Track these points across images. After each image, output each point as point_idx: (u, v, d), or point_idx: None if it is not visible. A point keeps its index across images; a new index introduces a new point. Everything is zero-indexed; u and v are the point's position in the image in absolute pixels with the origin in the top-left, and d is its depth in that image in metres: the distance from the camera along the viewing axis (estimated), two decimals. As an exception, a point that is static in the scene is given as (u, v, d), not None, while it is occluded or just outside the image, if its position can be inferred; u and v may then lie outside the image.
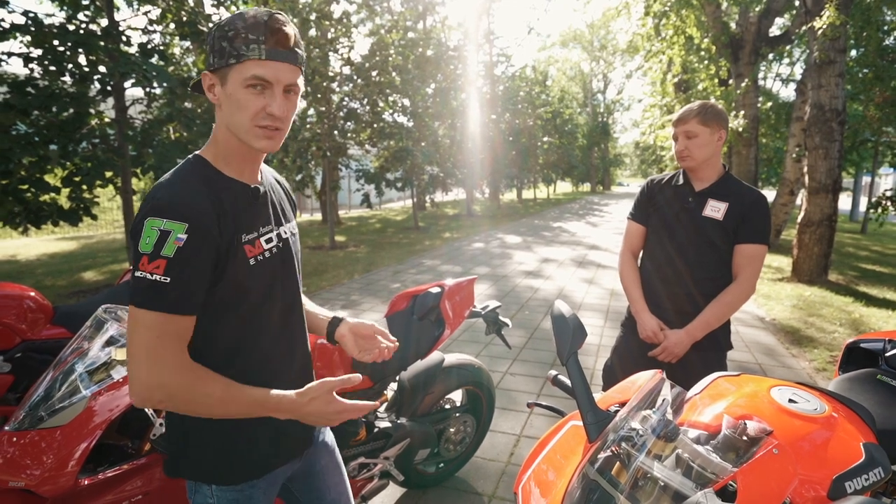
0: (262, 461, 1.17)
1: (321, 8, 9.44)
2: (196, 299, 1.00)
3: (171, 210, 0.96)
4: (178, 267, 0.96)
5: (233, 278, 1.05)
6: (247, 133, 1.04)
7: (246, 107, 1.01)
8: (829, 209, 7.57)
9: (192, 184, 1.03)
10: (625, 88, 61.81)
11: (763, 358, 4.72)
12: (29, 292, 2.83)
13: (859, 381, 1.85)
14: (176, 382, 0.97)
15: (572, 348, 1.25)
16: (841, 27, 6.93)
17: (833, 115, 7.39)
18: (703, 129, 2.01)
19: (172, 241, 0.95)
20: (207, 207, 1.00)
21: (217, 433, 1.12)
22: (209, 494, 1.14)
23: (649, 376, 1.31)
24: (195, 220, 0.97)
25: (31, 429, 1.49)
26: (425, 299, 2.40)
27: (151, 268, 0.95)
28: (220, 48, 1.00)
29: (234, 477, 1.14)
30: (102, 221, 13.83)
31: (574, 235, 14.04)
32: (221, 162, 1.09)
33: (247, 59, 0.98)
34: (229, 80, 1.01)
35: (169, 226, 0.95)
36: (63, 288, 6.80)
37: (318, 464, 1.36)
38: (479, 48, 22.73)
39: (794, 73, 20.73)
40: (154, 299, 0.96)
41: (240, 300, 1.08)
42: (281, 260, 1.17)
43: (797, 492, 1.07)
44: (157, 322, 0.96)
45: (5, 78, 5.87)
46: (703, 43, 12.27)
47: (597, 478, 1.08)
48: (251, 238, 1.09)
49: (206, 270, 1.00)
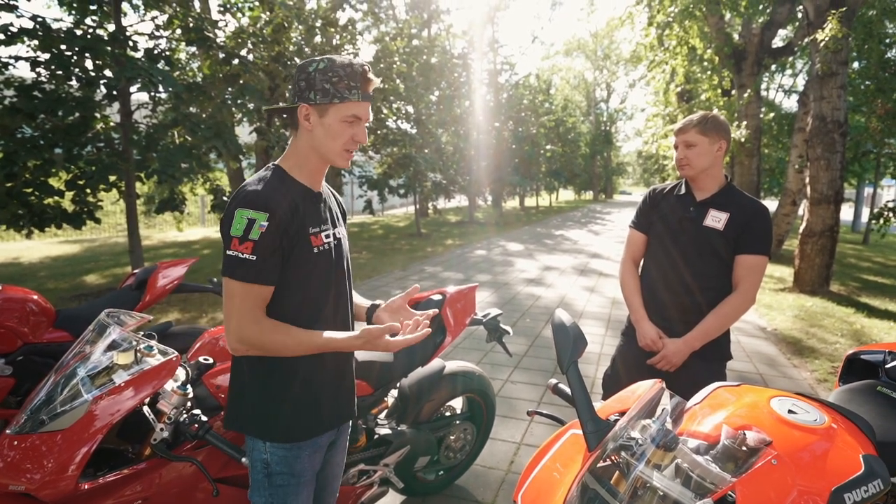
0: (308, 426, 1.41)
1: (327, 15, 9.52)
2: (274, 273, 1.28)
3: (257, 202, 1.24)
4: (261, 248, 1.23)
5: (300, 260, 1.32)
6: (336, 155, 1.35)
7: (341, 136, 1.32)
8: (831, 220, 7.57)
9: (273, 183, 1.31)
10: (628, 98, 62.04)
11: (764, 368, 4.70)
12: (31, 295, 2.83)
13: (859, 392, 1.84)
14: (255, 336, 1.26)
15: (572, 357, 1.26)
16: (843, 40, 6.97)
17: (835, 126, 7.41)
18: (703, 138, 2.02)
19: (257, 228, 1.23)
20: (283, 202, 1.28)
21: (270, 398, 1.37)
22: (263, 450, 1.38)
23: (649, 386, 1.32)
24: (274, 211, 1.25)
25: (33, 432, 1.49)
26: (427, 306, 2.40)
27: (241, 248, 1.23)
28: (322, 88, 1.28)
29: (283, 435, 1.38)
30: (105, 225, 13.85)
31: (576, 243, 14.04)
32: (296, 171, 1.37)
33: (348, 100, 1.29)
34: (329, 114, 1.30)
35: (254, 215, 1.23)
36: (65, 291, 6.81)
37: (340, 439, 1.60)
38: (484, 56, 22.84)
39: (797, 85, 20.80)
40: (243, 272, 1.24)
41: (305, 281, 1.35)
42: (336, 254, 1.44)
43: (796, 503, 1.06)
44: (244, 290, 1.25)
45: (12, 81, 5.91)
46: (706, 53, 12.31)
47: (596, 487, 1.08)
48: (315, 231, 1.36)
49: (279, 251, 1.28)
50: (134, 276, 3.27)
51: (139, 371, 1.58)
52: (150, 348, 1.66)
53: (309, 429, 1.41)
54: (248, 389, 1.39)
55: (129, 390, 1.54)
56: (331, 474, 1.60)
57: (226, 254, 1.25)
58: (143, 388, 1.55)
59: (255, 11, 7.69)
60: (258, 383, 1.37)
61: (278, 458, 1.38)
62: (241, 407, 1.40)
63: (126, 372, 1.59)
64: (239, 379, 1.41)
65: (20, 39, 5.84)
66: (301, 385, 1.38)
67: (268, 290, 1.29)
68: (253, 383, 1.38)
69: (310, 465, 1.44)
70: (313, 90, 1.29)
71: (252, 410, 1.38)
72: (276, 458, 1.38)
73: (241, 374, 1.40)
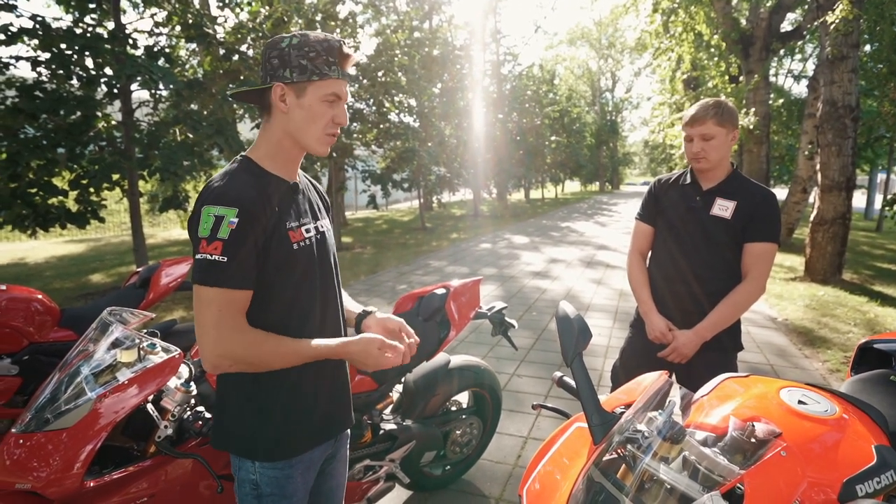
0: (299, 441, 1.29)
1: (327, 9, 9.44)
2: (250, 275, 1.14)
3: (224, 198, 1.11)
4: (232, 247, 1.10)
5: (278, 259, 1.19)
6: (316, 140, 1.23)
7: (321, 117, 1.20)
8: (843, 207, 7.43)
9: (241, 177, 1.18)
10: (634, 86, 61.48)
11: (775, 359, 4.63)
12: (36, 295, 2.85)
13: (872, 382, 1.81)
14: (240, 349, 1.12)
15: (577, 349, 1.24)
16: (854, 22, 6.80)
17: (846, 111, 7.26)
18: (720, 129, 1.95)
19: (226, 225, 1.09)
20: (254, 195, 1.15)
21: (256, 413, 1.25)
22: (251, 470, 1.26)
23: (655, 377, 1.29)
24: (244, 205, 1.12)
25: (38, 431, 1.50)
26: (430, 300, 2.39)
27: (210, 249, 1.09)
28: (299, 65, 1.16)
29: (272, 454, 1.25)
30: (110, 224, 13.90)
31: (582, 235, 13.94)
32: (268, 161, 1.24)
33: (328, 77, 1.18)
34: (308, 93, 1.18)
35: (222, 211, 1.10)
36: (71, 290, 6.83)
37: (340, 451, 1.50)
38: (486, 47, 22.65)
39: (807, 69, 20.49)
40: (215, 276, 1.10)
41: (285, 280, 1.22)
42: (319, 249, 1.32)
43: (807, 495, 1.04)
44: (219, 297, 1.10)
45: (13, 82, 5.90)
46: (713, 39, 12.12)
47: (601, 480, 1.06)
48: (294, 226, 1.24)
49: (254, 250, 1.14)
50: (137, 275, 3.29)
51: (142, 369, 1.59)
52: (153, 346, 1.67)
53: (300, 444, 1.30)
54: (232, 404, 1.27)
55: (132, 388, 1.55)
56: (335, 485, 1.51)
57: (194, 258, 1.12)
58: (146, 385, 1.56)
59: (255, 6, 7.63)
60: (241, 397, 1.25)
61: (268, 479, 1.26)
62: (225, 424, 1.28)
63: (129, 370, 1.60)
64: (222, 393, 1.29)
65: (20, 39, 5.82)
66: (289, 396, 1.26)
67: (246, 295, 1.15)
68: (236, 397, 1.26)
69: (303, 484, 1.32)
70: (288, 67, 1.16)
71: (237, 427, 1.26)
72: (266, 479, 1.26)
73: (224, 387, 1.28)
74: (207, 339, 1.11)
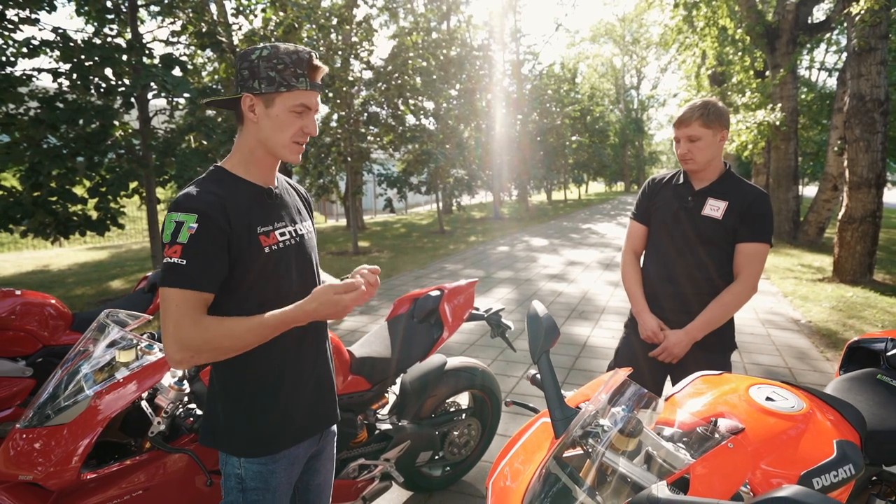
0: (283, 437, 1.34)
1: (342, 13, 9.50)
2: (210, 277, 1.17)
3: (184, 205, 1.17)
4: (191, 250, 1.14)
5: (250, 263, 1.23)
6: (284, 148, 1.27)
7: (289, 127, 1.25)
8: (872, 204, 7.12)
9: (206, 185, 1.23)
10: (660, 83, 60.31)
11: (794, 362, 4.44)
12: (49, 300, 2.96)
13: (859, 381, 1.83)
14: (197, 336, 1.14)
15: (544, 347, 1.29)
16: (881, 12, 6.51)
17: (875, 105, 6.95)
18: (706, 131, 1.95)
19: (186, 230, 1.15)
20: (215, 201, 1.19)
21: (240, 410, 1.30)
22: (237, 465, 1.32)
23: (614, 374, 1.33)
24: (203, 211, 1.16)
25: (39, 426, 1.59)
26: (425, 302, 2.46)
27: (171, 253, 1.15)
28: (268, 77, 1.21)
29: (257, 451, 1.31)
30: (132, 230, 14.26)
31: (603, 237, 13.71)
32: (242, 169, 1.30)
33: (296, 88, 1.22)
34: (276, 104, 1.23)
35: (182, 217, 1.15)
36: (91, 297, 7.01)
37: (326, 448, 1.54)
38: (506, 47, 22.51)
39: (841, 62, 19.74)
40: (174, 278, 1.14)
41: (262, 282, 1.26)
42: (297, 251, 1.35)
43: (763, 486, 1.10)
44: (179, 297, 1.14)
45: (36, 93, 6.10)
46: (737, 34, 11.78)
47: (558, 472, 1.10)
48: (266, 230, 1.28)
49: (217, 253, 1.18)
50: (147, 280, 3.36)
51: (138, 367, 1.69)
52: (150, 346, 1.76)
53: (284, 440, 1.35)
54: (217, 401, 1.33)
55: (128, 385, 1.64)
56: (322, 482, 1.56)
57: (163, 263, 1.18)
58: (141, 383, 1.65)
59: (268, 13, 7.72)
60: (225, 394, 1.31)
61: (253, 474, 1.32)
62: (212, 421, 1.34)
63: (126, 368, 1.70)
64: (210, 391, 1.35)
65: (42, 51, 6.02)
66: (272, 392, 1.32)
67: (206, 297, 1.18)
68: (221, 394, 1.32)
69: (286, 479, 1.37)
70: (257, 79, 1.22)
71: (222, 424, 1.32)
72: (251, 474, 1.32)
73: (212, 386, 1.34)
74: (167, 335, 1.15)
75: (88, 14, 6.54)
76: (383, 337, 2.36)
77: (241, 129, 1.29)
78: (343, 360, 2.07)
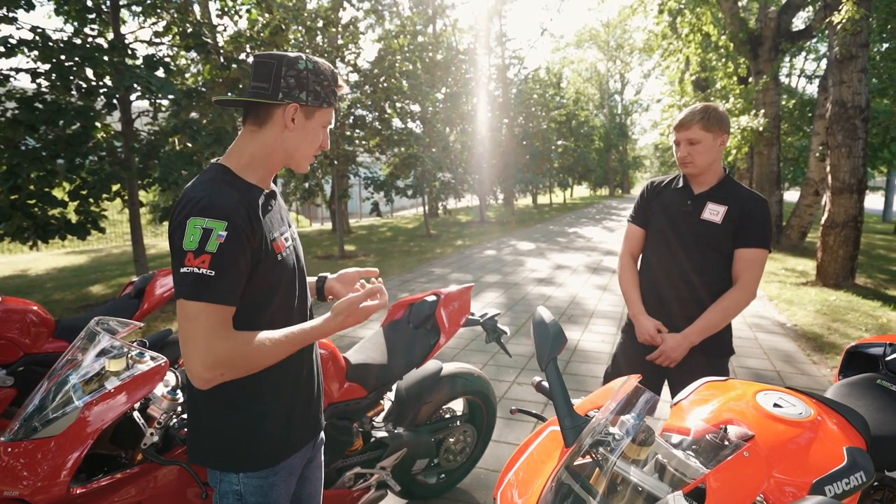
0: (279, 447, 1.30)
1: (328, 15, 9.42)
2: (238, 290, 1.13)
3: (212, 210, 1.09)
4: (221, 261, 1.07)
5: (267, 271, 1.20)
6: (305, 159, 1.29)
7: (317, 140, 1.28)
8: (854, 210, 7.24)
9: (223, 188, 1.16)
10: (643, 88, 61.08)
11: (781, 365, 4.48)
12: (31, 306, 2.86)
13: (858, 386, 1.83)
14: (232, 352, 1.10)
15: (551, 353, 1.26)
16: (862, 21, 6.64)
17: (856, 111, 7.08)
18: (706, 134, 1.96)
19: (215, 238, 1.07)
20: (241, 208, 1.13)
21: (236, 423, 1.24)
22: (235, 482, 1.26)
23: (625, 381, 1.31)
24: (233, 219, 1.10)
25: (25, 439, 1.52)
26: (421, 308, 2.42)
27: (197, 262, 1.06)
28: (315, 91, 1.22)
29: (255, 464, 1.26)
30: (112, 234, 13.91)
31: (590, 241, 13.78)
32: (248, 171, 1.24)
33: (332, 106, 1.28)
34: (315, 118, 1.25)
35: (211, 224, 1.07)
36: (71, 302, 6.84)
37: (317, 456, 1.52)
38: (491, 51, 22.59)
39: (820, 69, 20.16)
40: (203, 291, 1.07)
41: (273, 293, 1.24)
42: (296, 256, 1.35)
43: (776, 495, 1.07)
44: (207, 312, 1.08)
45: (14, 93, 5.92)
46: (721, 40, 11.94)
47: (570, 482, 1.07)
48: (275, 236, 1.25)
49: (245, 264, 1.13)
50: (132, 285, 3.29)
51: (129, 377, 1.62)
52: (141, 355, 1.70)
53: (283, 451, 1.31)
54: (208, 417, 1.26)
55: (119, 396, 1.57)
56: (313, 491, 1.54)
57: (179, 272, 1.08)
58: (133, 393, 1.58)
59: (254, 14, 7.62)
60: (218, 409, 1.24)
61: (252, 489, 1.26)
62: (203, 438, 1.27)
63: (117, 378, 1.63)
64: (195, 408, 1.27)
65: (20, 51, 5.85)
66: (268, 403, 1.27)
67: (231, 311, 1.13)
68: (212, 410, 1.25)
69: (285, 491, 1.34)
70: (305, 90, 1.22)
71: (216, 440, 1.25)
72: (251, 489, 1.26)
73: (196, 402, 1.26)
74: (196, 353, 1.08)
75: (68, 14, 6.38)
76: (379, 343, 2.32)
77: (258, 131, 1.22)
78: (339, 366, 2.03)
